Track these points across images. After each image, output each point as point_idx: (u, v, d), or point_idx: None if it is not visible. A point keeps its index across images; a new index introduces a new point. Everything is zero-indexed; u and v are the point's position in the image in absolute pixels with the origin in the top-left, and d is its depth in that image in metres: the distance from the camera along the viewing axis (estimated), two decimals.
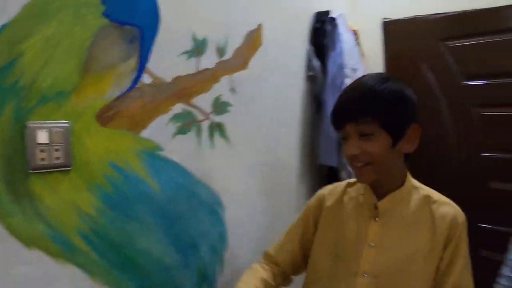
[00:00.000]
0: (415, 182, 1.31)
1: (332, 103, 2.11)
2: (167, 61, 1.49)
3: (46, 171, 1.21)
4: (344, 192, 1.41)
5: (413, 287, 1.21)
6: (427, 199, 1.27)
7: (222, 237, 1.70)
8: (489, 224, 2.43)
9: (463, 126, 2.51)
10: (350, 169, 2.18)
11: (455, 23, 2.55)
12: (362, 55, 2.54)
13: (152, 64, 1.43)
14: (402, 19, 2.70)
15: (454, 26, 2.55)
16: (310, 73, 2.20)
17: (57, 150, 1.22)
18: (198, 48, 1.57)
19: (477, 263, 1.40)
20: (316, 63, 2.19)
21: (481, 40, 2.45)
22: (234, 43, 1.73)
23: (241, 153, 1.74)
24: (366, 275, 1.24)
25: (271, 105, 1.96)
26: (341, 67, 2.19)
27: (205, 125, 1.62)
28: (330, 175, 2.27)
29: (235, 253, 1.78)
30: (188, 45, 1.55)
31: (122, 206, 1.37)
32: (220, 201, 1.69)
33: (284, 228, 1.52)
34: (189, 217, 1.56)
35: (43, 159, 1.20)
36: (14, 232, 1.17)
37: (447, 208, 1.25)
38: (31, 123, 1.18)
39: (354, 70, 2.27)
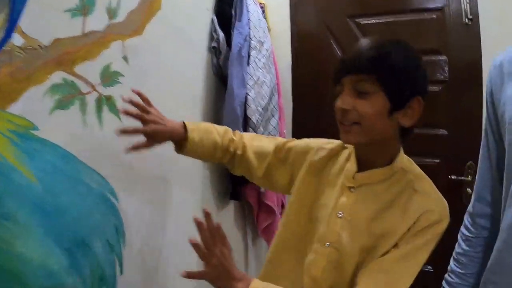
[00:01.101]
0: (406, 164, 1.21)
1: (237, 75, 1.95)
2: (45, 19, 1.17)
3: None
4: (333, 153, 1.33)
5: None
6: (410, 185, 1.16)
7: (118, 231, 1.43)
8: None
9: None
10: None
11: (364, 1, 2.52)
12: (269, 29, 2.37)
13: (25, 22, 1.11)
14: None
15: (363, 4, 2.52)
16: (214, 44, 1.97)
17: None
18: (84, 6, 1.28)
19: None
20: (221, 34, 1.96)
21: (391, 18, 2.40)
22: (128, 4, 1.45)
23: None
24: (328, 245, 1.20)
25: (169, 77, 1.70)
26: (247, 38, 1.99)
27: (91, 98, 1.32)
28: None
29: (135, 249, 1.52)
30: (72, 1, 1.25)
31: None
32: (112, 189, 1.40)
33: (188, 220, 1.30)
34: (75, 209, 1.28)
35: None
36: None
37: (426, 201, 1.14)
38: None
39: (261, 42, 2.09)
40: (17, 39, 1.10)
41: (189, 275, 1.12)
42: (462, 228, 1.36)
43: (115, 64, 1.41)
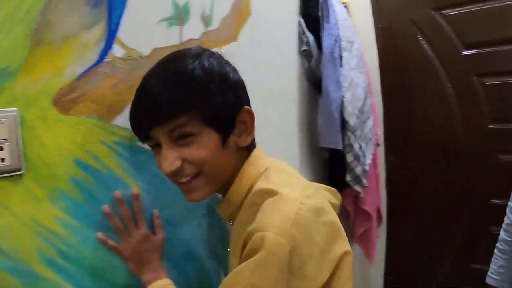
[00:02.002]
0: (257, 181, 0.91)
1: (332, 78, 1.80)
2: (142, 29, 1.10)
3: None
4: None
5: None
6: (253, 207, 0.87)
7: (223, 242, 1.32)
8: (500, 200, 2.12)
9: (466, 98, 2.22)
10: (358, 150, 1.84)
11: None
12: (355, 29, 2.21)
13: (124, 33, 1.05)
14: None
15: None
16: (304, 48, 1.84)
17: (1, 148, 0.84)
18: (179, 14, 1.20)
19: (489, 240, 1.62)
20: (310, 36, 1.83)
21: (478, 7, 2.17)
22: (221, 11, 1.35)
23: None
24: None
25: (264, 83, 1.59)
26: (337, 39, 1.85)
27: None
28: (333, 159, 1.92)
29: None
30: (168, 10, 1.17)
31: (96, 216, 0.99)
32: (218, 198, 1.30)
33: None
34: (183, 221, 1.19)
35: None
36: None
37: (252, 222, 0.80)
38: None
39: (351, 42, 1.94)
40: (117, 50, 1.04)
41: (103, 240, 0.99)
42: (510, 202, 1.53)
43: None
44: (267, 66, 1.62)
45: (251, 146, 0.97)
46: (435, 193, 2.41)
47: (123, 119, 1.04)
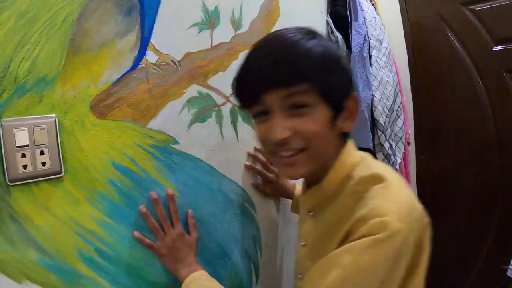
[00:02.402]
0: (354, 169, 0.88)
1: (361, 77, 1.77)
2: (174, 35, 1.12)
3: (31, 182, 0.86)
4: None
5: None
6: (354, 194, 0.83)
7: (256, 241, 1.33)
8: None
9: (497, 94, 2.15)
10: (389, 150, 1.81)
11: None
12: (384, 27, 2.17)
13: (157, 39, 1.07)
14: None
15: None
16: None
17: (42, 153, 0.87)
18: (210, 19, 1.20)
19: None
20: (338, 35, 1.81)
21: (508, 1, 2.11)
22: (250, 14, 1.35)
23: None
24: (300, 276, 0.98)
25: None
26: (366, 38, 1.82)
27: (226, 109, 1.24)
28: None
29: (271, 258, 1.41)
30: (198, 16, 1.18)
31: (133, 216, 1.01)
32: (250, 199, 1.31)
33: None
34: (216, 220, 1.20)
35: (25, 167, 0.85)
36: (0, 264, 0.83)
37: (361, 209, 0.77)
38: (6, 120, 0.84)
39: (380, 41, 1.91)
40: (151, 56, 1.05)
41: (139, 239, 1.01)
42: None
43: None
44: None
45: (347, 136, 0.92)
46: (467, 192, 2.34)
47: (157, 123, 1.06)
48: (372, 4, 2.10)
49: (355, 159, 0.90)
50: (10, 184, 0.83)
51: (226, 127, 1.24)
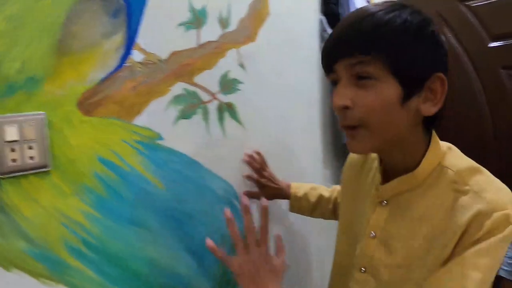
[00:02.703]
0: (445, 158, 0.88)
1: None
2: (161, 34, 1.19)
3: (20, 175, 0.94)
4: (366, 158, 1.08)
5: None
6: (452, 185, 0.84)
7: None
8: None
9: (494, 92, 2.20)
10: None
11: None
12: None
13: (143, 39, 1.14)
14: None
15: None
16: None
17: (30, 147, 0.94)
18: (197, 18, 1.28)
19: None
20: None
21: None
22: (238, 13, 1.42)
23: (257, 138, 1.43)
24: (363, 270, 0.96)
25: (286, 81, 1.64)
26: None
27: (212, 106, 1.32)
28: None
29: None
30: (185, 15, 1.25)
31: (119, 209, 1.09)
32: (237, 193, 1.39)
33: (314, 222, 1.23)
34: (203, 215, 1.28)
35: (14, 160, 0.93)
36: None
37: (475, 203, 0.79)
38: None
39: None
40: (137, 55, 1.13)
41: (213, 249, 1.05)
42: None
43: (233, 71, 1.40)
44: (289, 65, 1.68)
45: (430, 126, 0.90)
46: None
47: (143, 119, 1.14)
48: (368, 1, 2.16)
49: (443, 148, 0.90)
50: (0, 176, 0.91)
51: (213, 123, 1.32)
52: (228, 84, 1.37)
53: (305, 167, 1.74)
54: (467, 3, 2.25)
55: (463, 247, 0.79)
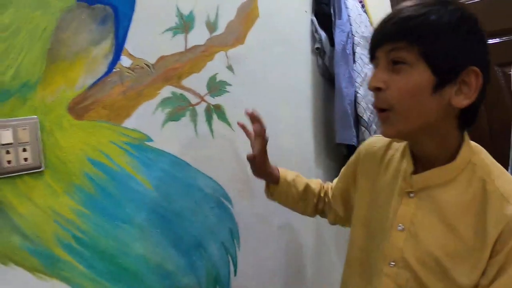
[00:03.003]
0: (475, 156, 0.94)
1: (344, 74, 1.93)
2: (148, 40, 1.30)
3: (15, 175, 1.04)
4: (387, 148, 1.11)
5: None
6: (483, 185, 0.90)
7: (233, 234, 1.50)
8: None
9: (489, 89, 2.27)
10: None
11: None
12: (371, 24, 2.31)
13: (131, 45, 1.25)
14: None
15: None
16: (317, 45, 1.98)
17: (24, 150, 1.05)
18: (184, 23, 1.38)
19: None
20: (322, 34, 1.97)
21: None
22: (226, 16, 1.53)
23: (246, 138, 1.52)
24: (392, 264, 0.98)
25: (277, 83, 1.73)
26: (349, 35, 1.97)
27: (200, 108, 1.42)
28: (350, 156, 2.05)
29: (249, 251, 1.57)
30: (172, 21, 1.36)
31: (109, 208, 1.19)
32: (226, 194, 1.49)
33: (303, 220, 1.30)
34: (191, 214, 1.37)
35: (9, 162, 1.03)
36: None
37: (506, 207, 0.86)
38: None
39: (365, 37, 2.05)
40: (125, 61, 1.23)
41: (243, 126, 1.36)
42: None
43: (221, 74, 1.50)
44: (279, 66, 1.77)
45: (465, 122, 0.93)
46: None
47: (132, 122, 1.24)
48: (361, 2, 2.24)
49: (474, 146, 0.96)
50: None
51: (201, 125, 1.42)
52: (216, 86, 1.47)
53: (297, 167, 1.82)
54: (460, 1, 2.31)
55: (503, 257, 0.85)
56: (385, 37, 0.90)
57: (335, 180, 1.38)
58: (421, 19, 0.85)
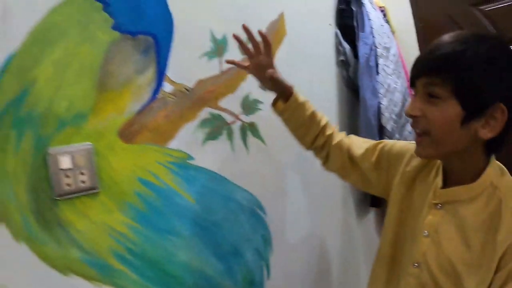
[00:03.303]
0: (497, 178, 1.02)
1: (368, 86, 2.01)
2: (187, 66, 1.40)
3: (74, 196, 1.16)
4: (425, 163, 1.18)
5: None
6: (500, 205, 0.98)
7: (266, 241, 1.61)
8: None
9: None
10: None
11: None
12: (393, 32, 2.37)
13: (172, 71, 1.36)
14: None
15: None
16: (341, 58, 2.06)
17: (82, 173, 1.16)
18: (218, 48, 1.48)
19: None
20: (346, 46, 2.05)
21: None
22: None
23: (277, 152, 1.62)
24: (416, 265, 1.08)
25: (304, 96, 1.80)
26: (372, 47, 2.05)
27: (236, 127, 1.53)
28: None
29: (281, 256, 1.67)
30: (207, 46, 1.46)
31: (157, 221, 1.30)
32: (260, 204, 1.60)
33: (330, 225, 1.38)
34: (229, 223, 1.48)
35: (68, 185, 1.14)
36: (49, 261, 1.13)
37: None
38: (52, 149, 1.13)
39: (387, 48, 2.13)
40: (167, 87, 1.34)
41: (232, 61, 1.40)
42: None
43: (253, 93, 1.60)
44: (306, 79, 1.85)
45: (492, 149, 1.02)
46: None
47: (175, 143, 1.35)
48: (382, 11, 2.31)
49: (498, 171, 1.04)
50: (57, 198, 1.13)
51: (237, 142, 1.53)
52: (250, 105, 1.57)
53: (327, 178, 1.91)
54: (480, 8, 2.35)
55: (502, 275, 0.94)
56: (423, 71, 0.99)
57: (351, 137, 1.45)
58: (457, 58, 0.93)
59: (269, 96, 1.61)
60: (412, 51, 2.54)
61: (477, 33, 0.99)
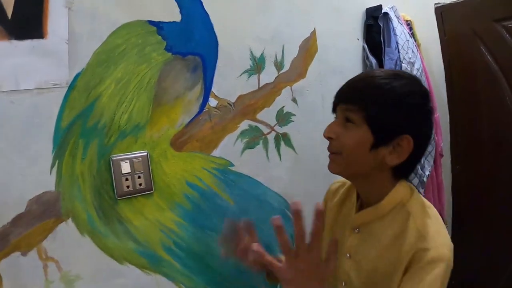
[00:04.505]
0: (406, 198, 1.04)
1: None
2: (229, 83, 1.55)
3: (132, 196, 1.32)
4: (348, 191, 1.23)
5: None
6: (406, 222, 1.00)
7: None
8: None
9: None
10: (421, 171, 2.13)
11: (509, 2, 2.34)
12: (418, 45, 2.46)
13: (216, 87, 1.51)
14: (454, 2, 2.56)
15: (507, 5, 2.34)
16: None
17: (139, 177, 1.32)
18: (257, 65, 1.62)
19: None
20: (373, 60, 2.15)
21: None
22: (291, 54, 1.75)
23: (307, 160, 1.75)
24: (344, 284, 1.11)
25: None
26: (397, 62, 2.15)
27: (271, 137, 1.67)
28: None
29: None
30: (247, 64, 1.60)
31: (200, 219, 1.46)
32: (288, 204, 1.73)
33: None
34: (262, 223, 1.61)
35: (128, 187, 1.31)
36: (108, 251, 1.31)
37: (419, 240, 0.95)
38: (115, 156, 1.30)
39: (411, 63, 2.22)
40: (212, 101, 1.49)
41: (259, 252, 0.96)
42: None
43: (287, 106, 1.73)
44: (335, 92, 1.94)
45: (399, 174, 1.05)
46: (503, 201, 2.40)
47: (218, 151, 1.51)
48: (408, 24, 2.39)
49: (407, 190, 1.06)
50: (118, 198, 1.30)
51: (271, 151, 1.67)
52: (283, 117, 1.71)
53: None
54: (503, 23, 2.37)
55: (409, 274, 0.94)
56: (343, 98, 1.05)
57: None
58: (373, 90, 1.01)
59: (301, 109, 1.75)
60: (436, 62, 2.62)
61: (397, 72, 1.08)
